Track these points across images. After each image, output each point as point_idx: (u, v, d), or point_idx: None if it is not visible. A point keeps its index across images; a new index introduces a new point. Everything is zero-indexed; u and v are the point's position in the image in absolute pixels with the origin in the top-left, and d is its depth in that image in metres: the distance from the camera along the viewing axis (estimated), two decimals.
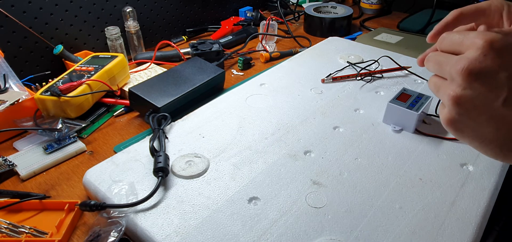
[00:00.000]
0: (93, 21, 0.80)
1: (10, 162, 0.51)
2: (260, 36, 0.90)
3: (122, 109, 0.65)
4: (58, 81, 0.61)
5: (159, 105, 0.57)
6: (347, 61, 0.72)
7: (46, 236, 0.40)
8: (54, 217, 0.42)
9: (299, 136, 0.52)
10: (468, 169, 0.45)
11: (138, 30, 0.84)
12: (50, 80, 0.64)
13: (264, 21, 0.91)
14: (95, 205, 0.40)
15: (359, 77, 0.67)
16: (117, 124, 0.62)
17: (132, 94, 0.60)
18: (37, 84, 0.68)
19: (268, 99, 0.61)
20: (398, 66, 0.69)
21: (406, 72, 0.69)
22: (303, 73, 0.69)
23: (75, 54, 0.76)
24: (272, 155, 0.48)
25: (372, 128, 0.53)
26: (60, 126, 0.55)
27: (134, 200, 0.40)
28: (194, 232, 0.37)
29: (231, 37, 0.95)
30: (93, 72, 0.64)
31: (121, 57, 0.68)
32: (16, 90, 0.61)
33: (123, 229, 0.38)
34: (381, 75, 0.68)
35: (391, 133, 0.52)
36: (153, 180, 0.44)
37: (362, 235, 0.37)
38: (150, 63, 0.78)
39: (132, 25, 0.82)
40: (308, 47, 0.85)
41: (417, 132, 0.53)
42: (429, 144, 0.50)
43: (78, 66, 0.67)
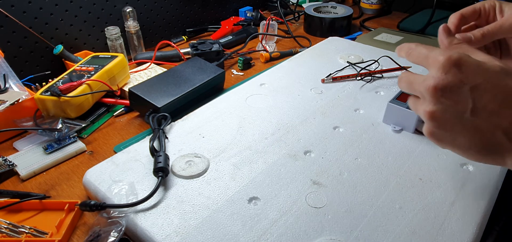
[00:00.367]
0: (93, 21, 0.80)
1: (10, 162, 0.51)
2: (260, 36, 0.90)
3: (122, 109, 0.65)
4: (58, 81, 0.61)
5: (159, 105, 0.57)
6: (347, 61, 0.72)
7: (46, 236, 0.40)
8: (54, 217, 0.42)
9: (299, 136, 0.52)
10: (468, 169, 0.45)
11: (138, 30, 0.84)
12: (50, 80, 0.64)
13: (264, 21, 0.91)
14: (95, 205, 0.40)
15: (359, 77, 0.67)
16: (117, 124, 0.62)
17: (132, 94, 0.60)
18: (37, 84, 0.68)
19: (268, 99, 0.61)
20: (398, 66, 0.69)
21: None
22: (303, 73, 0.69)
23: (75, 54, 0.76)
24: (272, 155, 0.48)
25: (372, 128, 0.53)
26: (60, 126, 0.55)
27: (134, 200, 0.40)
28: (194, 232, 0.37)
29: (231, 37, 0.95)
30: (93, 72, 0.64)
31: (121, 57, 0.68)
32: (16, 90, 0.61)
33: (123, 229, 0.38)
34: (381, 75, 0.68)
35: (391, 133, 0.52)
36: (153, 180, 0.44)
37: (362, 235, 0.37)
38: (150, 63, 0.78)
39: (132, 25, 0.82)
40: (308, 47, 0.85)
41: (417, 132, 0.53)
42: (429, 144, 0.50)
43: (78, 66, 0.67)
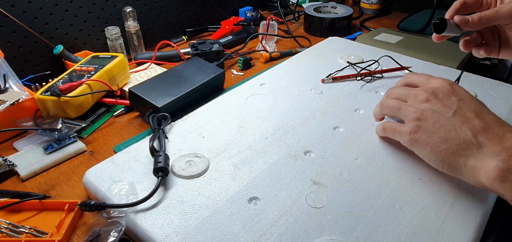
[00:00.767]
0: (93, 21, 0.80)
1: (10, 162, 0.51)
2: (260, 36, 0.90)
3: (122, 109, 0.65)
4: (58, 81, 0.62)
5: (159, 105, 0.57)
6: (347, 61, 0.72)
7: (46, 236, 0.40)
8: (54, 217, 0.42)
9: (299, 136, 0.52)
10: None
11: (138, 30, 0.84)
12: (50, 80, 0.64)
13: (264, 21, 0.91)
14: (95, 205, 0.40)
15: (359, 77, 0.67)
16: (117, 124, 0.62)
17: (132, 94, 0.60)
18: (37, 84, 0.68)
19: (268, 99, 0.61)
20: (399, 67, 0.69)
21: (406, 72, 0.69)
22: (303, 73, 0.69)
23: (75, 54, 0.76)
24: (272, 155, 0.48)
25: (372, 128, 0.53)
26: (60, 126, 0.55)
27: (134, 200, 0.40)
28: (194, 232, 0.37)
29: (231, 37, 0.95)
30: (93, 72, 0.64)
31: (121, 57, 0.68)
32: (16, 90, 0.61)
33: (123, 229, 0.38)
34: (381, 75, 0.68)
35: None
36: (153, 180, 0.44)
37: (362, 235, 0.37)
38: (150, 63, 0.78)
39: (132, 25, 0.82)
40: (308, 47, 0.85)
41: None
42: None
43: (78, 66, 0.67)
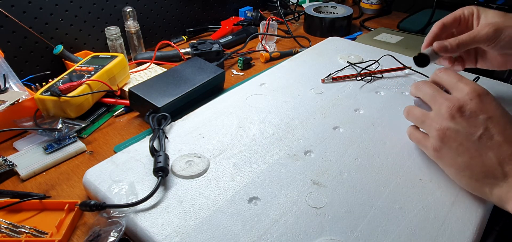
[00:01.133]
0: (93, 21, 0.80)
1: (10, 162, 0.51)
2: (260, 36, 0.90)
3: (122, 109, 0.65)
4: (58, 81, 0.62)
5: (159, 105, 0.57)
6: (347, 61, 0.72)
7: (46, 236, 0.40)
8: (54, 217, 0.42)
9: (299, 136, 0.52)
10: None
11: (138, 30, 0.84)
12: (50, 80, 0.64)
13: (264, 21, 0.91)
14: (95, 205, 0.40)
15: (359, 77, 0.67)
16: (117, 124, 0.62)
17: (132, 94, 0.60)
18: (37, 84, 0.68)
19: (268, 99, 0.61)
20: (400, 66, 0.69)
21: (406, 72, 0.69)
22: (303, 73, 0.69)
23: (75, 54, 0.76)
24: (272, 155, 0.48)
25: (372, 128, 0.53)
26: (60, 126, 0.55)
27: (134, 200, 0.40)
28: (194, 232, 0.37)
29: (231, 37, 0.95)
30: (93, 72, 0.64)
31: (121, 57, 0.68)
32: (16, 90, 0.61)
33: (123, 229, 0.38)
34: (381, 75, 0.68)
35: (391, 133, 0.52)
36: (153, 180, 0.44)
37: (362, 235, 0.37)
38: (150, 63, 0.78)
39: (132, 25, 0.82)
40: (308, 47, 0.85)
41: None
42: None
43: (78, 66, 0.67)
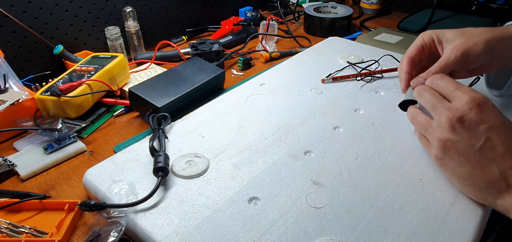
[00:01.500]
0: (93, 21, 0.80)
1: (10, 162, 0.51)
2: (260, 36, 0.90)
3: (122, 109, 0.65)
4: (58, 81, 0.61)
5: (159, 105, 0.57)
6: (347, 61, 0.72)
7: (46, 236, 0.40)
8: (54, 217, 0.42)
9: (299, 136, 0.52)
10: None
11: (138, 30, 0.84)
12: (50, 80, 0.64)
13: (264, 21, 0.91)
14: (95, 205, 0.40)
15: (359, 77, 0.67)
16: (117, 124, 0.62)
17: (132, 94, 0.60)
18: (37, 84, 0.68)
19: (268, 99, 0.61)
20: None
21: None
22: (303, 73, 0.69)
23: (75, 54, 0.76)
24: (272, 155, 0.48)
25: (372, 128, 0.53)
26: (60, 126, 0.55)
27: (134, 200, 0.40)
28: (194, 232, 0.37)
29: (231, 37, 0.95)
30: (93, 72, 0.64)
31: (121, 57, 0.68)
32: (16, 90, 0.61)
33: (123, 229, 0.38)
34: (381, 75, 0.68)
35: (391, 133, 0.52)
36: (153, 180, 0.44)
37: (362, 235, 0.37)
38: (150, 63, 0.78)
39: (132, 25, 0.82)
40: (308, 47, 0.85)
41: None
42: None
43: (78, 66, 0.67)
